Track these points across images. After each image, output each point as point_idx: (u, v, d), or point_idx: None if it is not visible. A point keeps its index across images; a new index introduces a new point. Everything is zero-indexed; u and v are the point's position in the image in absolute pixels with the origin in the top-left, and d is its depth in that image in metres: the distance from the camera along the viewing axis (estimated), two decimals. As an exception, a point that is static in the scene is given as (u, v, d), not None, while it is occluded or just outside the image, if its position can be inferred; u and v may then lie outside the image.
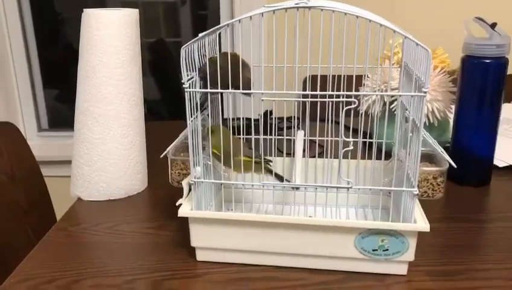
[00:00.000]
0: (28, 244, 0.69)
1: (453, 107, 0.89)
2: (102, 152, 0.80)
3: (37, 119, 1.83)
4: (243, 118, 0.83)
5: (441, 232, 0.70)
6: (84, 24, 0.78)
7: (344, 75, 0.63)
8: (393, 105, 0.87)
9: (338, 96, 0.57)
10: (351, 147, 0.56)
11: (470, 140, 0.85)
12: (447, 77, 0.93)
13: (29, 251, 0.67)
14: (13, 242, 0.99)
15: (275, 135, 0.72)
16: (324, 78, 0.63)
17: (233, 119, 0.73)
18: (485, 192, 0.84)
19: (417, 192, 0.58)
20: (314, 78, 0.61)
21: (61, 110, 1.91)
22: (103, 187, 0.81)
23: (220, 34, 0.67)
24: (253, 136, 0.65)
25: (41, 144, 1.80)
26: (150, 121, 1.06)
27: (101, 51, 0.77)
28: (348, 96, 0.57)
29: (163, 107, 2.11)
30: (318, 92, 0.58)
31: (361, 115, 0.68)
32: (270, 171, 0.66)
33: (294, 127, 0.72)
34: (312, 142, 0.77)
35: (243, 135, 0.72)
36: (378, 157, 0.68)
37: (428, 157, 0.79)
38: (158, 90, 2.06)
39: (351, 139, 0.56)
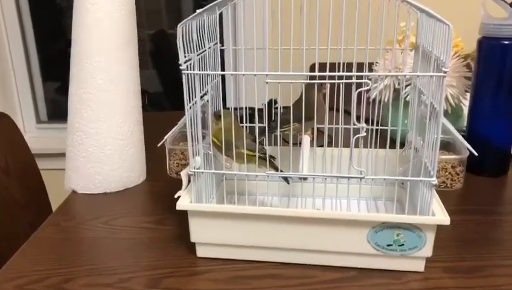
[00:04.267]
0: (25, 241, 0.65)
1: (467, 93, 0.84)
2: (97, 142, 0.76)
3: (36, 111, 1.78)
4: (246, 108, 0.78)
5: (459, 225, 0.66)
6: (76, 7, 0.73)
7: (355, 62, 0.58)
8: (406, 90, 0.82)
9: (349, 77, 0.52)
10: (364, 133, 0.51)
11: (486, 128, 0.80)
12: (461, 62, 0.88)
13: (24, 248, 0.63)
14: (10, 238, 0.95)
15: (278, 124, 0.67)
16: (333, 66, 0.58)
17: (235, 108, 0.68)
18: (503, 182, 0.79)
19: (436, 182, 0.53)
20: (322, 66, 0.56)
21: (60, 102, 1.87)
22: (99, 179, 0.77)
23: (221, 15, 0.62)
24: (256, 125, 0.61)
25: (40, 137, 1.76)
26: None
27: (94, 34, 0.72)
28: (359, 78, 0.52)
29: (165, 99, 2.07)
30: (327, 73, 0.53)
31: (372, 101, 0.64)
32: (275, 168, 0.61)
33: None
34: (320, 131, 0.73)
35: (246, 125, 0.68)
36: (390, 146, 0.63)
37: (445, 145, 0.74)
38: (160, 81, 2.02)
39: (363, 126, 0.51)
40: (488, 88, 0.79)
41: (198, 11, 0.52)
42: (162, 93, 2.04)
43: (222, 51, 0.68)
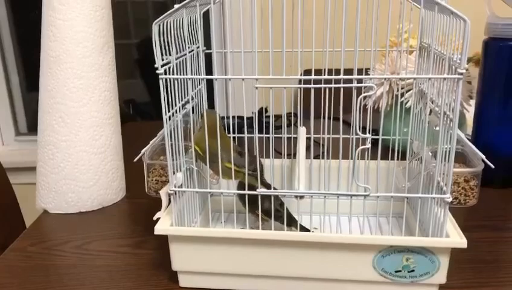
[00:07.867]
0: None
1: (470, 98, 0.79)
2: (70, 157, 0.68)
3: (15, 122, 1.69)
4: (233, 117, 0.71)
5: (473, 244, 0.59)
6: (45, 6, 0.66)
7: (356, 65, 0.51)
8: (405, 96, 0.76)
9: (349, 81, 0.46)
10: (369, 145, 0.45)
11: (494, 136, 0.75)
12: (464, 65, 0.82)
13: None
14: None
15: (271, 133, 0.60)
16: (330, 73, 0.52)
17: (222, 118, 0.62)
18: (512, 195, 0.73)
19: (450, 199, 0.47)
20: (317, 73, 0.50)
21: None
22: (72, 198, 0.70)
23: (207, 16, 0.55)
24: (246, 135, 0.54)
25: (20, 149, 1.67)
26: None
27: (66, 37, 0.65)
28: (360, 82, 0.46)
29: (153, 109, 2.00)
30: (323, 77, 0.46)
31: (368, 108, 0.57)
32: (266, 186, 0.54)
33: (297, 123, 0.61)
34: (315, 141, 0.66)
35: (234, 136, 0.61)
36: (391, 158, 0.57)
37: (454, 156, 0.68)
38: (148, 91, 1.95)
39: (368, 136, 0.44)
40: (496, 93, 0.73)
41: (176, 6, 0.45)
42: (150, 103, 1.97)
43: (209, 56, 0.61)
